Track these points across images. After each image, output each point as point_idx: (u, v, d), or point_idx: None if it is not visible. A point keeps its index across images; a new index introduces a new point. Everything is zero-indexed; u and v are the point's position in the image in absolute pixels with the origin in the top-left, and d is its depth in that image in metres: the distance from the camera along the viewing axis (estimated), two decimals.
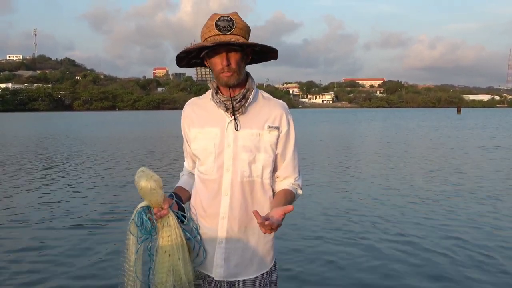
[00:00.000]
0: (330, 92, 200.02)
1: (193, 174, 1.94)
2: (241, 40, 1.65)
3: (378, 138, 22.85)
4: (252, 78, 1.81)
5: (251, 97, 1.76)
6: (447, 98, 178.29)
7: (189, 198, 1.89)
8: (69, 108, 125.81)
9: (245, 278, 1.78)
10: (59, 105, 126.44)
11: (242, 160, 1.73)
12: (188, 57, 1.80)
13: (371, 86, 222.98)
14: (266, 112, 1.78)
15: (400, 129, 30.99)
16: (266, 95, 1.85)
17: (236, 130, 1.73)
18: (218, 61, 1.68)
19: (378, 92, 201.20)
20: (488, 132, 27.01)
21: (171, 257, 1.65)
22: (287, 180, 1.85)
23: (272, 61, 1.85)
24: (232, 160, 1.74)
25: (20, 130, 31.30)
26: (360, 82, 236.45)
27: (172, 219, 1.66)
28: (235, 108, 1.73)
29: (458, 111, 74.02)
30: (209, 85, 1.81)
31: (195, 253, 1.76)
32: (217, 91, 1.76)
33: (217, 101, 1.75)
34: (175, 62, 1.81)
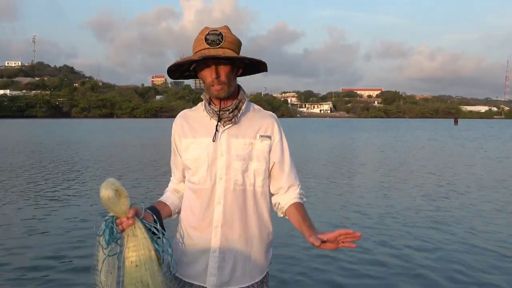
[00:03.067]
0: (328, 102, 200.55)
1: (177, 191, 1.97)
2: (229, 53, 1.69)
3: (382, 150, 22.83)
4: (243, 90, 1.85)
5: (243, 107, 1.81)
6: (444, 109, 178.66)
7: (169, 214, 1.90)
8: (67, 115, 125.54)
9: (238, 286, 1.80)
10: (57, 112, 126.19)
11: (235, 169, 1.77)
12: (180, 70, 1.86)
13: (369, 96, 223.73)
14: (258, 122, 1.83)
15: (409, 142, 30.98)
16: (257, 106, 1.91)
17: (213, 141, 1.77)
18: (208, 74, 1.73)
19: (376, 102, 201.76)
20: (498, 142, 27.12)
21: (138, 267, 1.61)
22: (292, 190, 1.87)
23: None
24: (225, 169, 1.77)
25: (19, 136, 31.20)
26: (358, 92, 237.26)
27: (139, 230, 1.63)
28: (228, 118, 1.77)
29: (455, 122, 73.86)
30: (202, 96, 1.85)
31: (165, 265, 1.74)
32: (209, 102, 1.81)
33: (210, 111, 1.79)
34: (167, 74, 1.86)
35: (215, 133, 1.78)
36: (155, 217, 1.74)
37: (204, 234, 1.79)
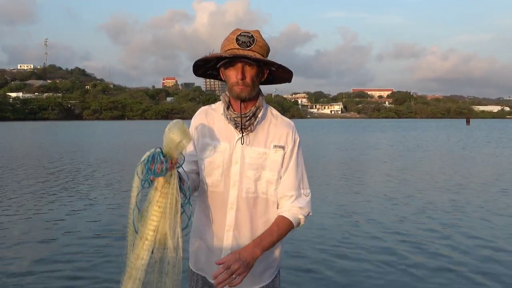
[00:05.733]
0: (339, 103, 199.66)
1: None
2: (258, 56, 1.69)
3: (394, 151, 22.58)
4: (263, 95, 1.84)
5: (260, 115, 1.80)
6: (456, 109, 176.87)
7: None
8: (78, 117, 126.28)
9: None
10: (69, 114, 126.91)
11: (247, 177, 1.78)
12: (205, 67, 1.84)
13: (380, 96, 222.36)
14: (273, 131, 1.82)
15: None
16: (275, 112, 1.88)
17: (241, 144, 1.78)
18: (233, 74, 1.72)
19: (387, 102, 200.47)
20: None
21: (163, 214, 1.61)
22: (284, 200, 1.83)
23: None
24: (238, 176, 1.78)
25: (43, 139, 31.42)
26: (369, 92, 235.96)
27: (174, 179, 1.62)
28: (244, 126, 1.77)
29: (467, 122, 72.83)
30: (221, 98, 1.84)
31: (184, 223, 1.72)
32: (228, 106, 1.80)
33: (228, 117, 1.79)
34: (192, 69, 1.84)
35: (241, 138, 1.78)
36: (181, 177, 1.71)
37: (217, 235, 1.82)
